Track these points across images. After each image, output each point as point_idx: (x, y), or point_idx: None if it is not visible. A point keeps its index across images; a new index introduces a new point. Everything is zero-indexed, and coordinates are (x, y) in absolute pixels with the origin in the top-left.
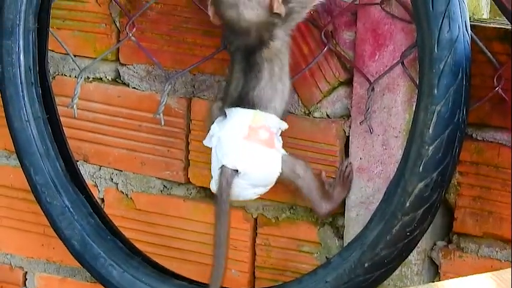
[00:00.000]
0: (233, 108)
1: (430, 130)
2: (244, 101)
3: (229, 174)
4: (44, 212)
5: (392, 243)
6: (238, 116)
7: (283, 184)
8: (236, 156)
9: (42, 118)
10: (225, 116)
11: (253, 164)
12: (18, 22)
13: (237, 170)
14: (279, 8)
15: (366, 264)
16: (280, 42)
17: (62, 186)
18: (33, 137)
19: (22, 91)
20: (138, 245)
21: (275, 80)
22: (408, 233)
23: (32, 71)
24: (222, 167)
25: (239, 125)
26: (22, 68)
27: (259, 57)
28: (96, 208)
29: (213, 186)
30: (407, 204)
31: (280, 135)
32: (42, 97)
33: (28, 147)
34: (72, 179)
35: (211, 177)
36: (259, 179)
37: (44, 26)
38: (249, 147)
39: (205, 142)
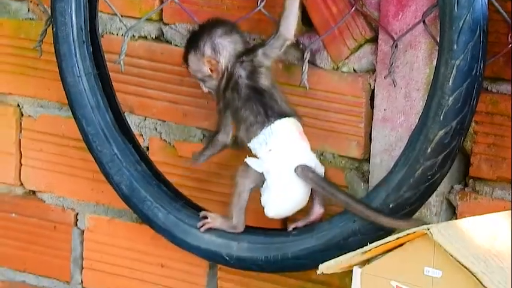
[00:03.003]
0: (276, 122)
1: (450, 82)
2: (275, 114)
3: (307, 169)
4: (94, 160)
5: (415, 186)
6: (283, 125)
7: (312, 134)
8: (305, 155)
9: (93, 73)
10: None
11: (313, 157)
12: None
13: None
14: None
15: (391, 205)
16: (265, 67)
17: (111, 135)
18: (85, 91)
19: (74, 49)
20: (180, 189)
21: (279, 93)
22: (429, 177)
23: (84, 30)
24: (297, 167)
25: (289, 130)
26: (74, 28)
27: (263, 84)
28: (142, 156)
29: (275, 208)
30: (429, 150)
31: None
32: (93, 54)
33: (80, 100)
34: (121, 129)
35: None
36: (319, 169)
37: None
38: (305, 146)
39: (257, 168)
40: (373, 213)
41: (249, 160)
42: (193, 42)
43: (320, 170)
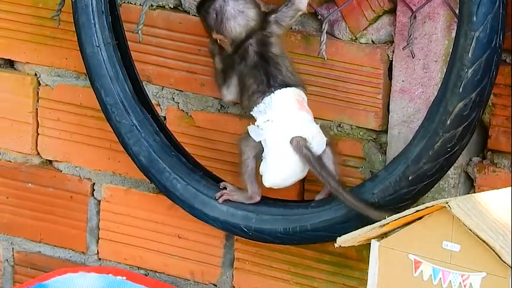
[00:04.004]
0: (276, 92)
1: (469, 54)
2: (276, 84)
3: (303, 143)
4: (113, 130)
5: (434, 157)
6: (283, 95)
7: (330, 105)
8: (301, 126)
9: (112, 44)
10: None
11: (312, 128)
12: None
13: (305, 139)
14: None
15: (410, 177)
16: (276, 35)
17: (130, 106)
18: (104, 61)
19: (93, 19)
20: (197, 160)
21: (287, 62)
22: (449, 149)
23: (103, 1)
24: (293, 139)
25: (289, 101)
26: None
27: (271, 53)
28: (161, 127)
29: (271, 178)
30: (448, 122)
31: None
32: (112, 24)
33: (99, 70)
34: (140, 99)
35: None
36: (320, 142)
37: None
38: (304, 116)
39: (255, 137)
40: (361, 205)
41: (249, 128)
42: (205, 6)
43: (321, 140)
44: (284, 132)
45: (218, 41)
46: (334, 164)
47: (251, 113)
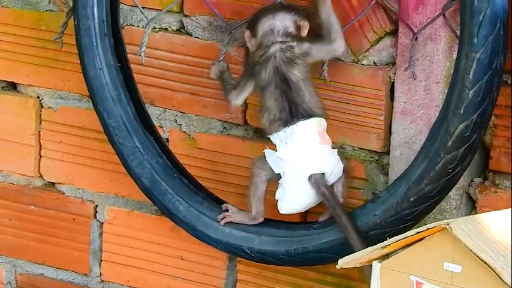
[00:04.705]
0: (298, 123)
1: (470, 76)
2: (299, 114)
3: (321, 179)
4: (116, 152)
5: (436, 179)
6: (304, 127)
7: (332, 127)
8: (321, 161)
9: (115, 66)
10: (282, 139)
11: (332, 161)
12: None
13: (323, 174)
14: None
15: (412, 199)
16: (304, 61)
17: (132, 128)
18: (106, 84)
19: (96, 41)
20: (199, 181)
21: (310, 87)
22: (450, 170)
23: (105, 23)
24: (311, 176)
25: (310, 134)
26: (96, 21)
27: (294, 76)
28: (164, 149)
29: (287, 207)
30: (450, 143)
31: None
32: (114, 47)
33: (102, 93)
34: (142, 122)
35: (281, 200)
36: (337, 173)
37: None
38: (325, 150)
39: (274, 168)
40: (360, 245)
41: (267, 153)
42: (250, 19)
43: (338, 170)
44: (304, 168)
45: (246, 40)
46: (343, 186)
47: (269, 136)
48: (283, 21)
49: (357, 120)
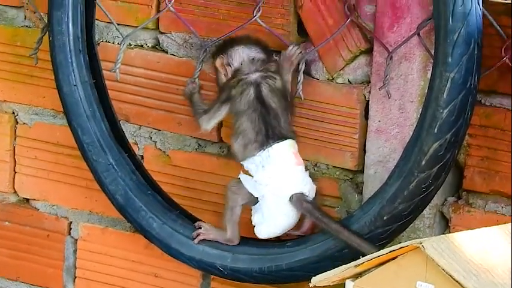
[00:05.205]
0: (274, 145)
1: (444, 95)
2: (275, 136)
3: (302, 196)
4: (90, 169)
5: (410, 198)
6: (280, 149)
7: (306, 145)
8: (299, 181)
9: (89, 83)
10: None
11: (308, 180)
12: None
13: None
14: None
15: (385, 217)
16: (281, 82)
17: (107, 145)
18: (81, 100)
19: (71, 58)
20: (173, 199)
21: (285, 115)
22: (424, 189)
23: (80, 40)
24: (292, 196)
25: (286, 155)
26: (71, 37)
27: (274, 104)
28: (138, 166)
29: (267, 230)
30: (423, 162)
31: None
32: (89, 63)
33: (76, 109)
34: (117, 138)
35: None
36: (313, 192)
37: None
38: (300, 171)
39: (253, 192)
40: (364, 244)
41: (243, 179)
42: (218, 48)
43: (312, 189)
44: (284, 190)
45: (219, 67)
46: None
47: (242, 162)
48: (259, 53)
49: (331, 139)
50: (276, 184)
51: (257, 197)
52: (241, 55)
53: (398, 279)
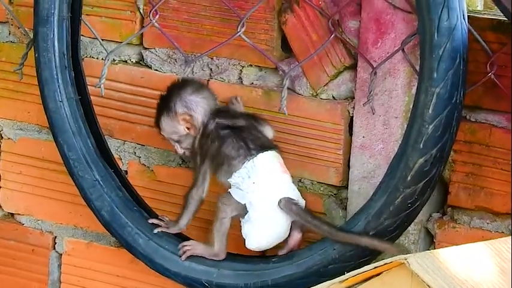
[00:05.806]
0: (258, 155)
1: (430, 110)
2: (257, 147)
3: (291, 202)
4: (75, 185)
5: (395, 213)
6: (264, 158)
7: (291, 161)
8: (287, 188)
9: (75, 99)
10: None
11: (295, 189)
12: (53, 11)
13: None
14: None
15: (371, 233)
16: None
17: (92, 161)
18: (67, 117)
19: (56, 74)
20: (158, 213)
21: (256, 130)
22: (409, 205)
23: (66, 56)
24: (281, 200)
25: (271, 163)
26: (56, 54)
27: (237, 121)
28: (123, 181)
29: (257, 240)
30: (409, 178)
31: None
32: (75, 80)
33: (62, 125)
34: (102, 155)
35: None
36: (302, 202)
37: (77, 15)
38: (287, 178)
39: (241, 200)
40: (355, 236)
41: (232, 191)
42: (164, 104)
43: (301, 200)
44: (271, 194)
45: (185, 128)
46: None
47: (229, 180)
48: (213, 99)
49: (316, 154)
50: (263, 189)
51: (247, 209)
52: (198, 104)
53: None
